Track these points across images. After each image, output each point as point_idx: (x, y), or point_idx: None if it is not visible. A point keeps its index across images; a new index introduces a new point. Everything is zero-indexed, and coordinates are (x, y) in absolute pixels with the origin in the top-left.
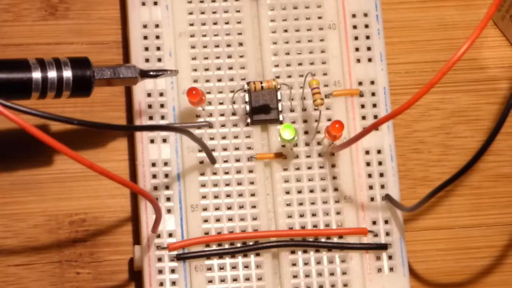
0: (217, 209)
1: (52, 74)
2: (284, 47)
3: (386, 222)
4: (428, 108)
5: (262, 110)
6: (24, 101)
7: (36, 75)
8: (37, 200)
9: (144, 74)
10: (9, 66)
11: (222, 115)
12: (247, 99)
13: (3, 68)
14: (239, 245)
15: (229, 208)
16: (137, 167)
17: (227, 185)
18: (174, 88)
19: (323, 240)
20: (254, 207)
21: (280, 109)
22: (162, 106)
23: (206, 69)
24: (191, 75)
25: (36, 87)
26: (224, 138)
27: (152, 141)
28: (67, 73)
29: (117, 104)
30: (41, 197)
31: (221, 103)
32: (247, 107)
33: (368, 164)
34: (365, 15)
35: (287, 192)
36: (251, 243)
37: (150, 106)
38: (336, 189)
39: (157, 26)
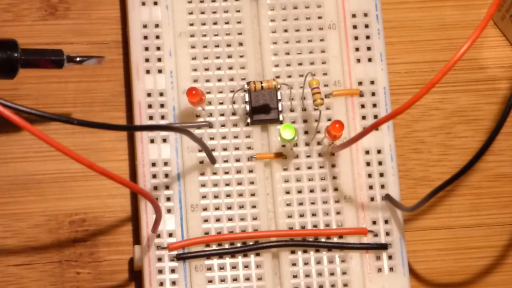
0: (217, 209)
1: None
2: (284, 47)
3: (386, 222)
4: (428, 108)
5: (262, 110)
6: (24, 101)
7: None
8: (37, 200)
9: (70, 59)
10: None
11: (222, 115)
12: (247, 99)
13: None
14: (239, 245)
15: (229, 208)
16: (137, 167)
17: (227, 185)
18: (174, 88)
19: (323, 240)
20: (254, 207)
21: (280, 109)
22: (162, 106)
23: (206, 69)
24: (191, 75)
25: None
26: (224, 138)
27: (152, 141)
28: None
29: (117, 104)
30: (41, 197)
31: (221, 103)
32: (247, 107)
33: (368, 164)
34: (365, 15)
35: (287, 192)
36: (251, 243)
37: (150, 106)
38: (336, 189)
39: (157, 26)
